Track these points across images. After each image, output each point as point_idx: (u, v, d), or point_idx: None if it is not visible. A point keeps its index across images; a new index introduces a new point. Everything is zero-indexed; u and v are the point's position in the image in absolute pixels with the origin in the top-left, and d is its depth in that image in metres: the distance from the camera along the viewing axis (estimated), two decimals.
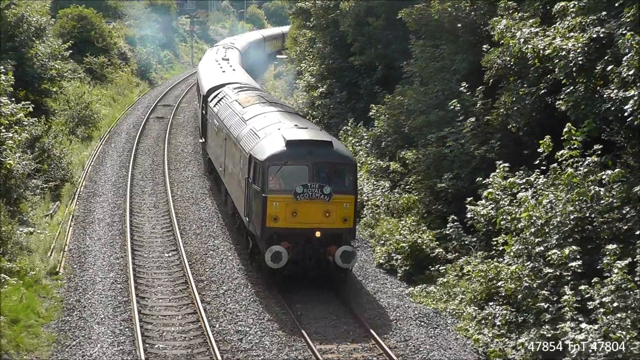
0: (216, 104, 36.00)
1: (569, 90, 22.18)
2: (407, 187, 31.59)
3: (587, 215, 19.87)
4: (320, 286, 24.81)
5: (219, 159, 33.11)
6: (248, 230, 25.68)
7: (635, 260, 17.56)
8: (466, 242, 25.66)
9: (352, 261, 24.10)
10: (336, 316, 23.16)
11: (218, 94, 37.48)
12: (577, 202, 20.01)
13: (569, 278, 19.18)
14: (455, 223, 26.29)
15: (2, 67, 26.68)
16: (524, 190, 22.16)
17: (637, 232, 17.94)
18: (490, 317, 21.38)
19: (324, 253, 23.75)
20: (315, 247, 23.80)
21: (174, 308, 23.28)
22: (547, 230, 20.28)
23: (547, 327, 18.76)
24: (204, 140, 40.41)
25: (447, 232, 26.63)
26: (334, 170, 24.66)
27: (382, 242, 28.81)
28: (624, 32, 19.76)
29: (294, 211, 23.48)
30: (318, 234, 23.67)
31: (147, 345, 20.35)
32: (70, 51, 50.44)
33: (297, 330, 21.59)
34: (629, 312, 16.87)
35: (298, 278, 24.19)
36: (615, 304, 17.01)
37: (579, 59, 21.53)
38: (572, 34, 21.98)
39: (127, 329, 21.43)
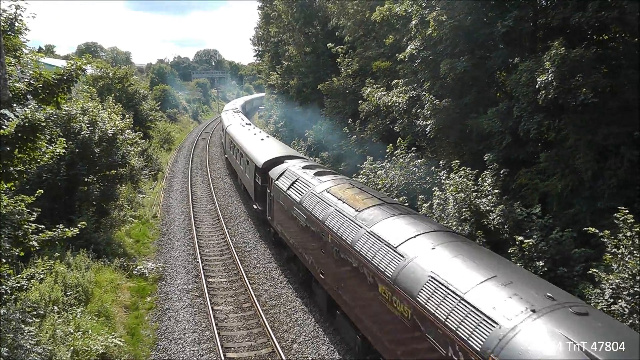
0: (290, 187, 16.64)
1: (400, 121, 22.24)
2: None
3: (410, 181, 19.96)
4: None
5: (306, 251, 14.87)
6: None
7: (432, 203, 17.68)
8: None
9: None
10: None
11: (284, 172, 18.16)
12: (405, 175, 20.08)
13: None
14: None
15: (127, 115, 26.19)
16: (380, 169, 22.18)
17: (433, 189, 18.03)
18: None
19: None
20: None
21: (213, 232, 22.72)
22: (392, 189, 20.33)
23: None
24: (262, 208, 21.20)
25: None
26: None
27: None
28: (424, 93, 19.82)
29: None
30: None
31: (201, 250, 20.00)
32: (159, 106, 49.69)
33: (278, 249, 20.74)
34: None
35: None
36: None
37: (404, 106, 21.60)
38: (401, 95, 21.99)
39: (190, 243, 20.96)
